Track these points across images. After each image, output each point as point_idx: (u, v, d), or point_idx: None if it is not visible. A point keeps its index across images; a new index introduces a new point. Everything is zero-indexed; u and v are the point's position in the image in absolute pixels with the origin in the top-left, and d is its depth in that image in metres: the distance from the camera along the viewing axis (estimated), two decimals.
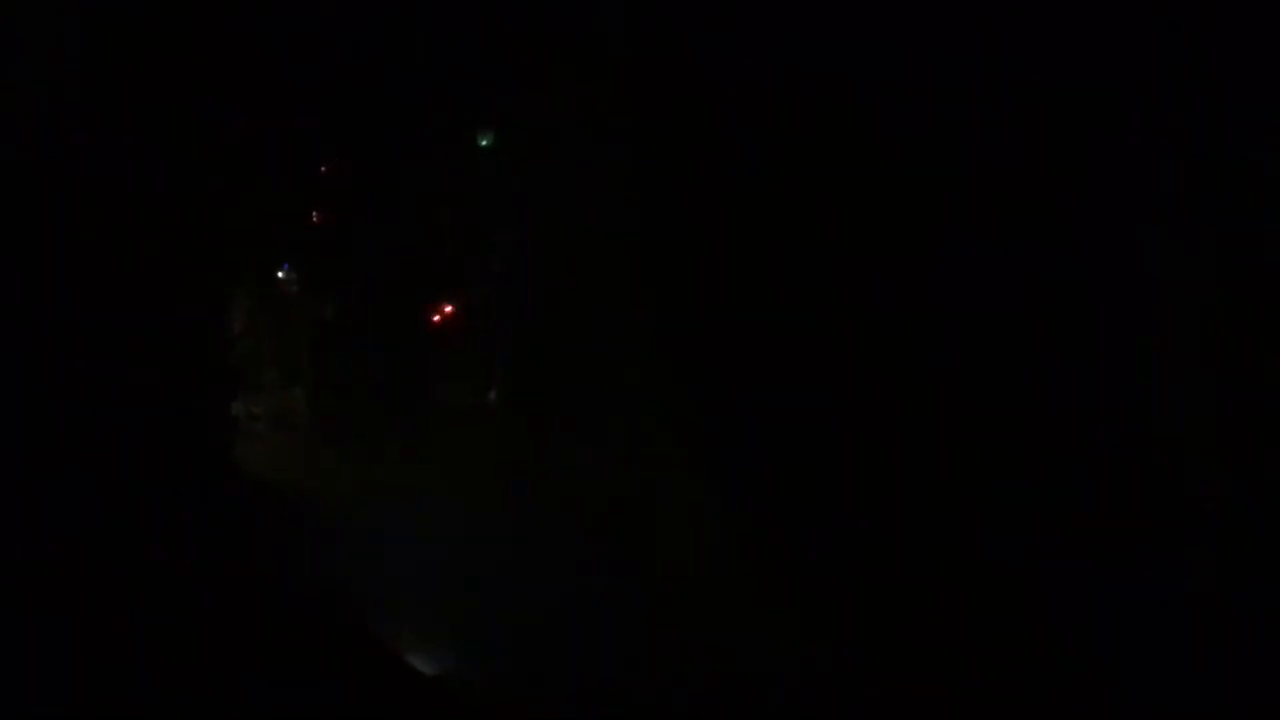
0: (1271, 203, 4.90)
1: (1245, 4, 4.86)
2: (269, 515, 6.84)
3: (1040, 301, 5.28)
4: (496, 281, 7.71)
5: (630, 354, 6.46)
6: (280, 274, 8.14)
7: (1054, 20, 5.18)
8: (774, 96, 5.98)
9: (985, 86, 5.35)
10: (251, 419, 7.78)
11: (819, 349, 5.81)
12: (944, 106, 5.46)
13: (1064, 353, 5.25)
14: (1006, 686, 4.73)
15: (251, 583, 5.97)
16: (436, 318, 7.97)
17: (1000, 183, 5.42)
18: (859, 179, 5.76)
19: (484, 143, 7.64)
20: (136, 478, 6.14)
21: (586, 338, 6.83)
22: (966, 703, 4.73)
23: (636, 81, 6.51)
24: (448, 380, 8.02)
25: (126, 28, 6.37)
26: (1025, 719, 4.70)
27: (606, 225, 6.74)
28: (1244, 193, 4.94)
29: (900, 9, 5.56)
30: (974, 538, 5.16)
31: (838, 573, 5.31)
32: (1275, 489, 4.66)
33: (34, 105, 6.11)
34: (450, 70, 7.26)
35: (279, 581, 6.07)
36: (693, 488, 5.98)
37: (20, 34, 5.99)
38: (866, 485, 5.44)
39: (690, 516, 5.91)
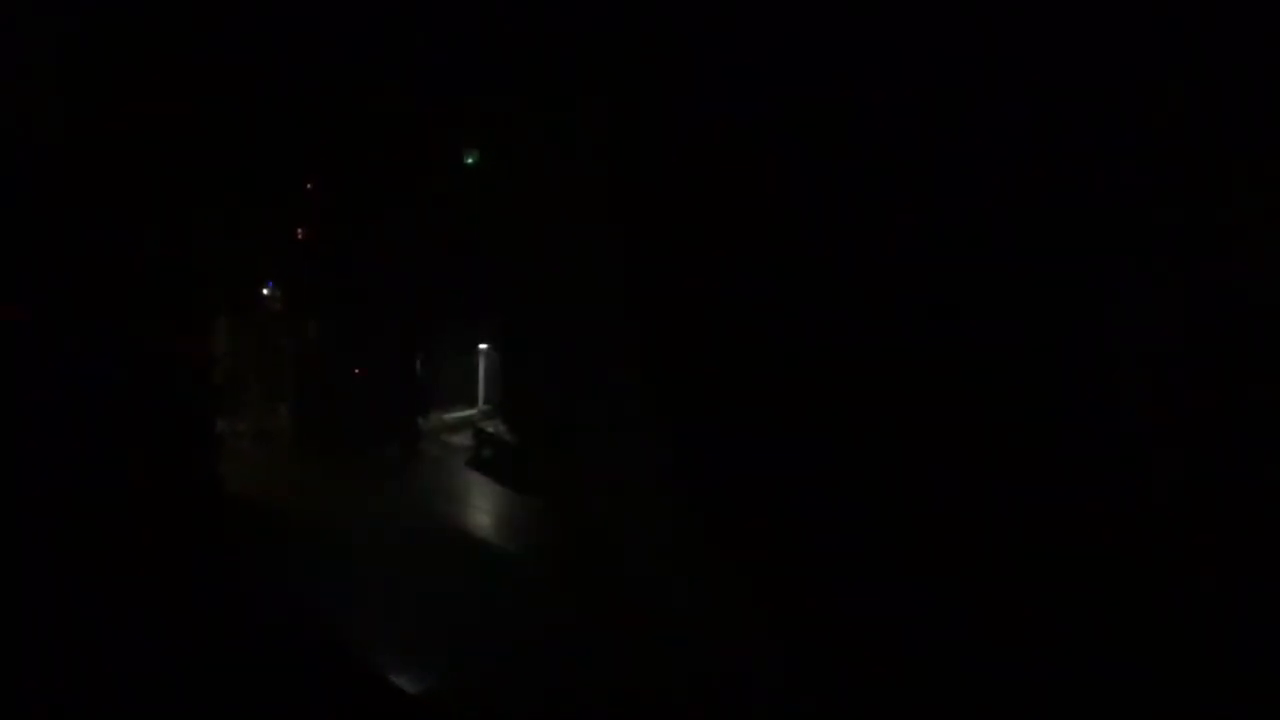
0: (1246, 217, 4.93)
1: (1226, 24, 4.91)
2: (249, 533, 6.82)
3: (1012, 321, 5.29)
4: (481, 298, 7.71)
5: (610, 369, 6.46)
6: (265, 291, 8.12)
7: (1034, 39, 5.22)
8: (754, 117, 6.01)
9: (964, 99, 5.39)
10: (235, 435, 7.76)
11: (793, 365, 5.82)
12: (923, 119, 5.50)
13: (1036, 364, 5.25)
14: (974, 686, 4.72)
15: (234, 596, 5.94)
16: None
17: (976, 196, 5.45)
18: (836, 201, 5.79)
19: (469, 161, 7.65)
20: (120, 492, 6.13)
21: (568, 353, 6.83)
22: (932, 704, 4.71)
23: (620, 101, 6.54)
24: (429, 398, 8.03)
25: (114, 45, 6.41)
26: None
27: (589, 243, 6.76)
28: (1221, 205, 4.97)
29: (877, 38, 5.61)
30: (941, 543, 5.16)
31: (809, 582, 5.30)
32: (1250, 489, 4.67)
33: (19, 123, 6.13)
34: (436, 89, 7.29)
35: (262, 596, 6.04)
36: (666, 501, 5.98)
37: (7, 47, 6.02)
38: (838, 497, 5.44)
39: (661, 528, 5.90)
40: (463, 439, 8.11)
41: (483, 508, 7.20)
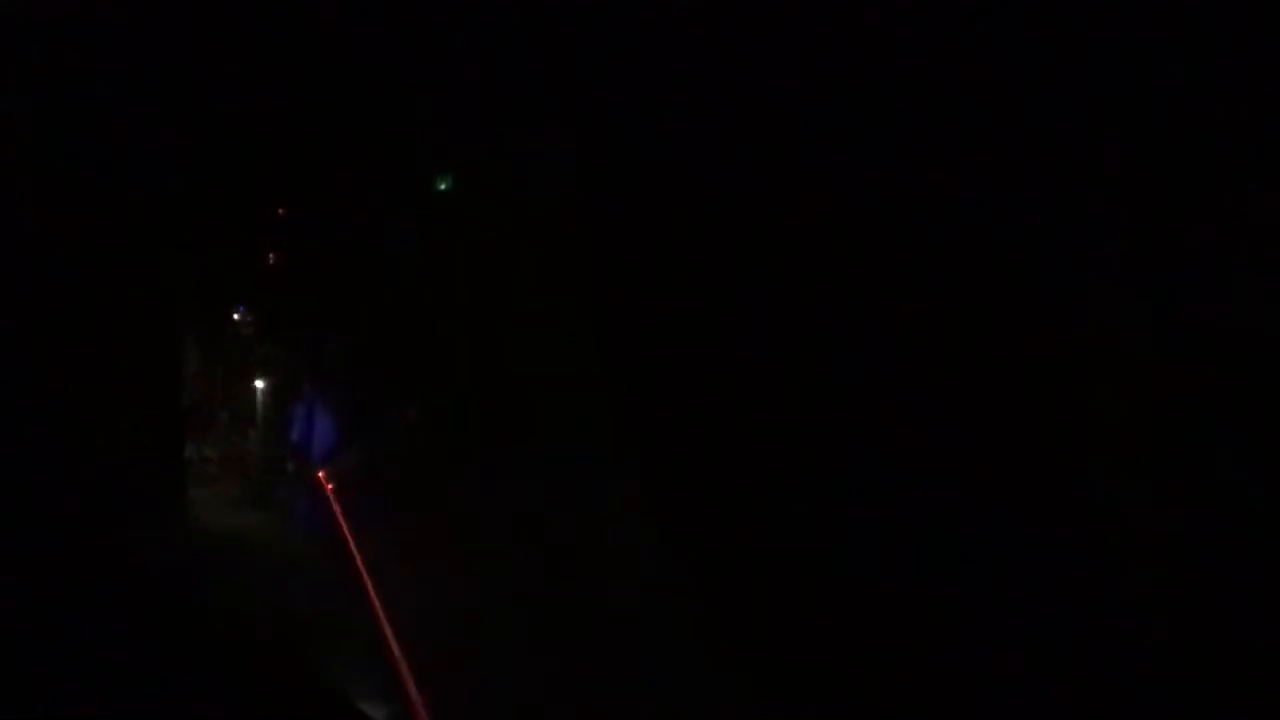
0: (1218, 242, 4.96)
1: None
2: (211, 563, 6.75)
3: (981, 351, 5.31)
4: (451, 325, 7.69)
5: (578, 395, 6.45)
6: (236, 316, 8.11)
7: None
8: (727, 147, 6.05)
9: (940, 114, 5.41)
10: (204, 461, 7.71)
11: (763, 388, 5.82)
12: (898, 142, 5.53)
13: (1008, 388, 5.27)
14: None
15: (196, 627, 5.88)
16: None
17: (946, 225, 5.47)
18: (808, 238, 5.81)
19: (442, 187, 7.65)
20: (87, 519, 6.07)
21: (535, 378, 6.82)
22: None
23: (591, 130, 6.58)
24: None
25: (86, 68, 6.42)
26: None
27: (560, 268, 6.77)
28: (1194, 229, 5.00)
29: (846, 68, 5.65)
30: (920, 574, 5.15)
31: (783, 609, 5.27)
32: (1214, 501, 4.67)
33: None
34: (408, 115, 7.32)
35: (223, 625, 5.97)
36: (637, 525, 5.95)
37: None
38: (810, 521, 5.43)
39: (633, 554, 5.86)
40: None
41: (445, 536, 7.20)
